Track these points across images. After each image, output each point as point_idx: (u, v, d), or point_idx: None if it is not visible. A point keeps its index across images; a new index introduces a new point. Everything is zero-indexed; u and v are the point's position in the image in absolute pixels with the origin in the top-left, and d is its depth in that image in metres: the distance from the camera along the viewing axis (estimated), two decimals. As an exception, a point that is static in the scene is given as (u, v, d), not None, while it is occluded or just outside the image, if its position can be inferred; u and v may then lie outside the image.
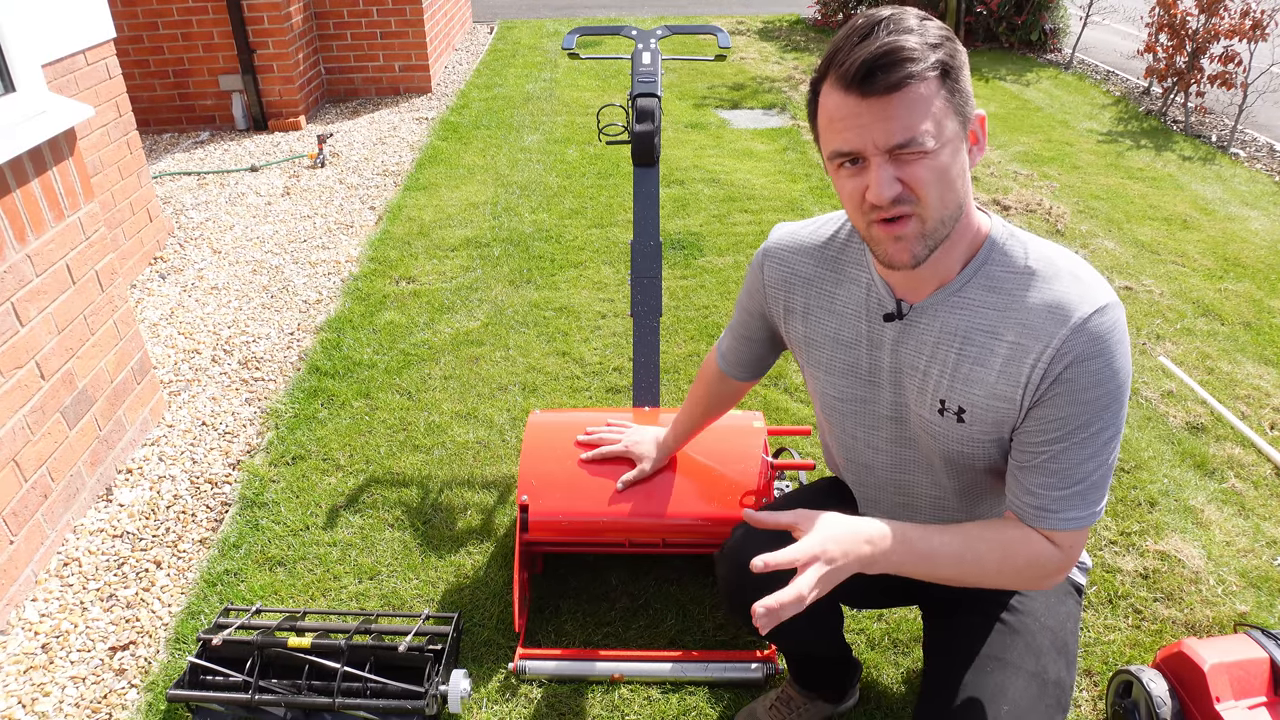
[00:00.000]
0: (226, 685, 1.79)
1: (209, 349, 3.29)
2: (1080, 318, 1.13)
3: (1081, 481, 1.18)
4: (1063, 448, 1.17)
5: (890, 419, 1.35)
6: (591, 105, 6.23)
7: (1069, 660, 1.32)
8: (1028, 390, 1.18)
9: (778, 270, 1.42)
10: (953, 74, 1.08)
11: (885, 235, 1.13)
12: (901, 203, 1.10)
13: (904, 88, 1.04)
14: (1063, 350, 1.14)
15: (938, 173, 1.09)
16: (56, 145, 2.39)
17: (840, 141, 1.10)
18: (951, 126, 1.09)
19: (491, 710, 1.88)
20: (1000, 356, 1.19)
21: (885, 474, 1.42)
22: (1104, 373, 1.13)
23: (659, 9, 10.56)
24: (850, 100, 1.07)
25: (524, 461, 2.03)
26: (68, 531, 2.38)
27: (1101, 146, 5.61)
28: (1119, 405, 1.16)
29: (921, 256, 1.14)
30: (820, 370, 1.41)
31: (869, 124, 1.06)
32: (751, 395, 2.95)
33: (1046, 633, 1.32)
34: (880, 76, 1.04)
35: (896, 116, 1.05)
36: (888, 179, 1.08)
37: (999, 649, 1.29)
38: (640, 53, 2.50)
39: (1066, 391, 1.15)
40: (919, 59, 1.05)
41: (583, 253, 3.99)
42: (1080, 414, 1.15)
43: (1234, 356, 3.23)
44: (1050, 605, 1.37)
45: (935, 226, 1.12)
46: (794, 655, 1.72)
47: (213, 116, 5.93)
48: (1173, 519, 2.43)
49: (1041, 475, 1.19)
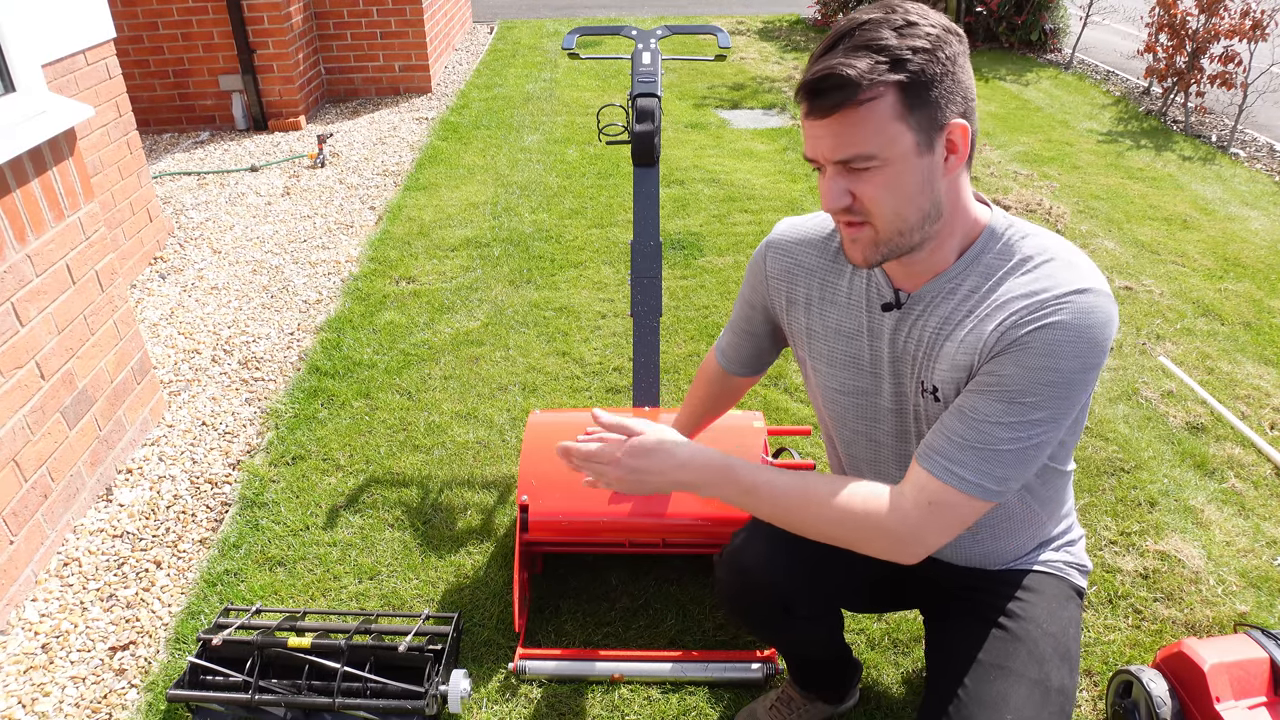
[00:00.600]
0: (226, 685, 1.79)
1: (209, 349, 3.29)
2: (1057, 292, 1.12)
3: (986, 444, 1.14)
4: (984, 400, 1.15)
5: (891, 410, 1.36)
6: (591, 105, 6.23)
7: (1071, 666, 1.32)
8: (982, 352, 1.17)
9: (781, 261, 1.43)
10: (919, 86, 1.07)
11: (845, 235, 1.19)
12: (851, 213, 1.15)
13: (845, 107, 1.07)
14: (1027, 314, 1.12)
15: (887, 188, 1.11)
16: (56, 145, 2.39)
17: (806, 148, 1.16)
18: (907, 141, 1.09)
19: (491, 710, 1.88)
20: (967, 329, 1.19)
21: (886, 470, 1.42)
22: (1061, 347, 1.10)
23: (659, 9, 10.56)
24: (807, 111, 1.12)
25: (524, 461, 2.03)
26: (68, 531, 2.38)
27: (1101, 146, 5.61)
28: (1064, 393, 1.12)
29: (874, 260, 1.18)
30: (822, 362, 1.41)
31: (820, 136, 1.12)
32: (751, 395, 2.95)
33: (1049, 639, 1.32)
34: (818, 99, 1.09)
35: (839, 134, 1.10)
36: (837, 191, 1.13)
37: (1001, 656, 1.29)
38: (640, 53, 2.50)
39: (1016, 354, 1.12)
40: (859, 82, 1.05)
41: (583, 253, 3.99)
42: (1020, 377, 1.12)
43: (1234, 356, 3.23)
44: (1052, 611, 1.37)
45: (890, 236, 1.15)
46: (793, 657, 1.72)
47: (213, 116, 5.93)
48: (1173, 519, 2.43)
49: (952, 417, 1.18)
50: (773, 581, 1.45)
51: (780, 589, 1.45)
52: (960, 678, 1.28)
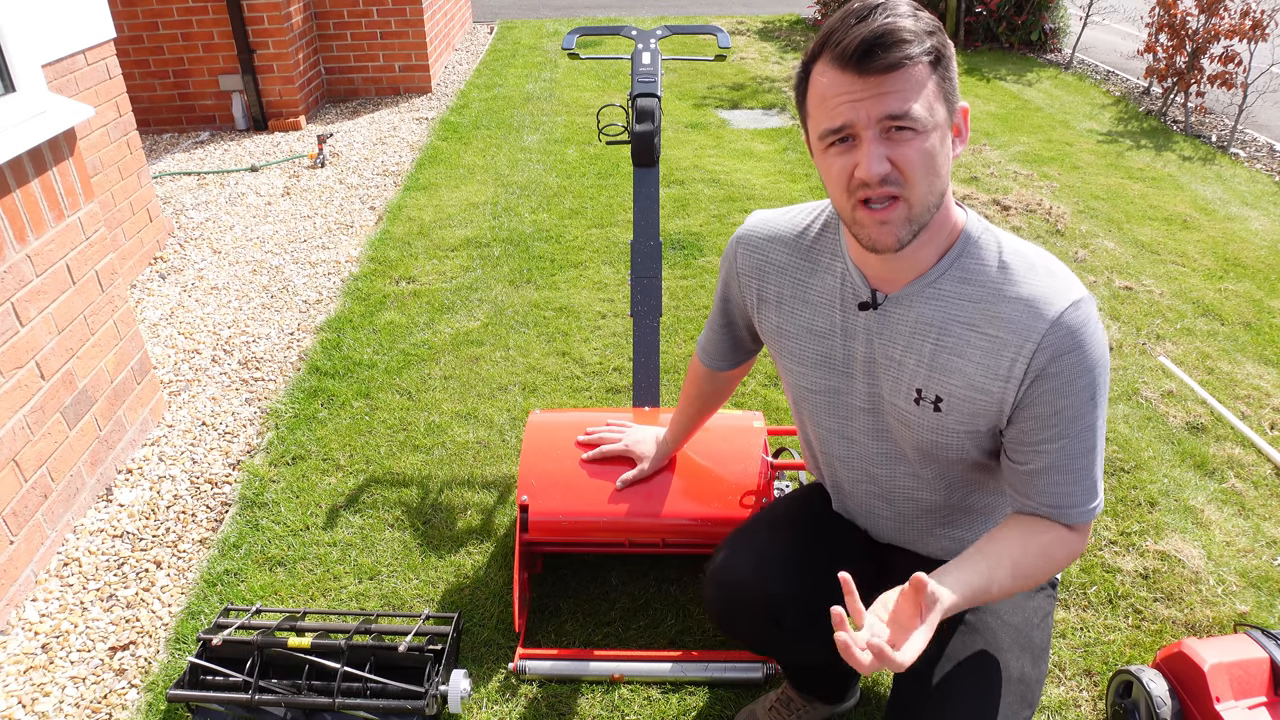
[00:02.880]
0: (226, 685, 1.79)
1: (209, 349, 3.29)
2: (1057, 312, 1.16)
3: (1088, 472, 1.22)
4: (1066, 443, 1.20)
5: (864, 410, 1.36)
6: (591, 105, 6.23)
7: (1034, 655, 1.33)
8: (1009, 386, 1.19)
9: (750, 258, 1.42)
10: (944, 62, 1.11)
11: (870, 219, 1.14)
12: (889, 183, 1.11)
13: (902, 68, 1.07)
14: (1043, 345, 1.16)
15: (927, 155, 1.10)
16: (56, 145, 2.39)
17: (832, 117, 1.11)
18: (941, 112, 1.11)
19: (491, 710, 1.88)
20: (978, 349, 1.21)
21: (860, 465, 1.43)
22: (1084, 364, 1.17)
23: (659, 9, 10.56)
24: (846, 78, 1.09)
25: (524, 461, 2.03)
26: (68, 531, 2.38)
27: (1101, 146, 5.61)
28: (1102, 391, 1.20)
29: (906, 239, 1.15)
30: (793, 361, 1.41)
31: (863, 99, 1.08)
32: (751, 395, 2.95)
33: (1009, 630, 1.33)
34: (880, 55, 1.06)
35: (892, 91, 1.08)
36: (878, 156, 1.09)
37: (959, 649, 1.30)
38: (640, 53, 2.50)
39: (1054, 387, 1.18)
40: (916, 41, 1.07)
41: (583, 253, 3.99)
42: (1071, 406, 1.19)
43: (1234, 356, 3.23)
44: (1016, 603, 1.37)
45: (920, 211, 1.14)
46: (789, 665, 1.72)
47: (213, 116, 5.93)
48: (1173, 519, 2.43)
49: (1054, 474, 1.22)
50: (762, 598, 1.44)
51: (769, 603, 1.44)
52: (921, 674, 1.29)
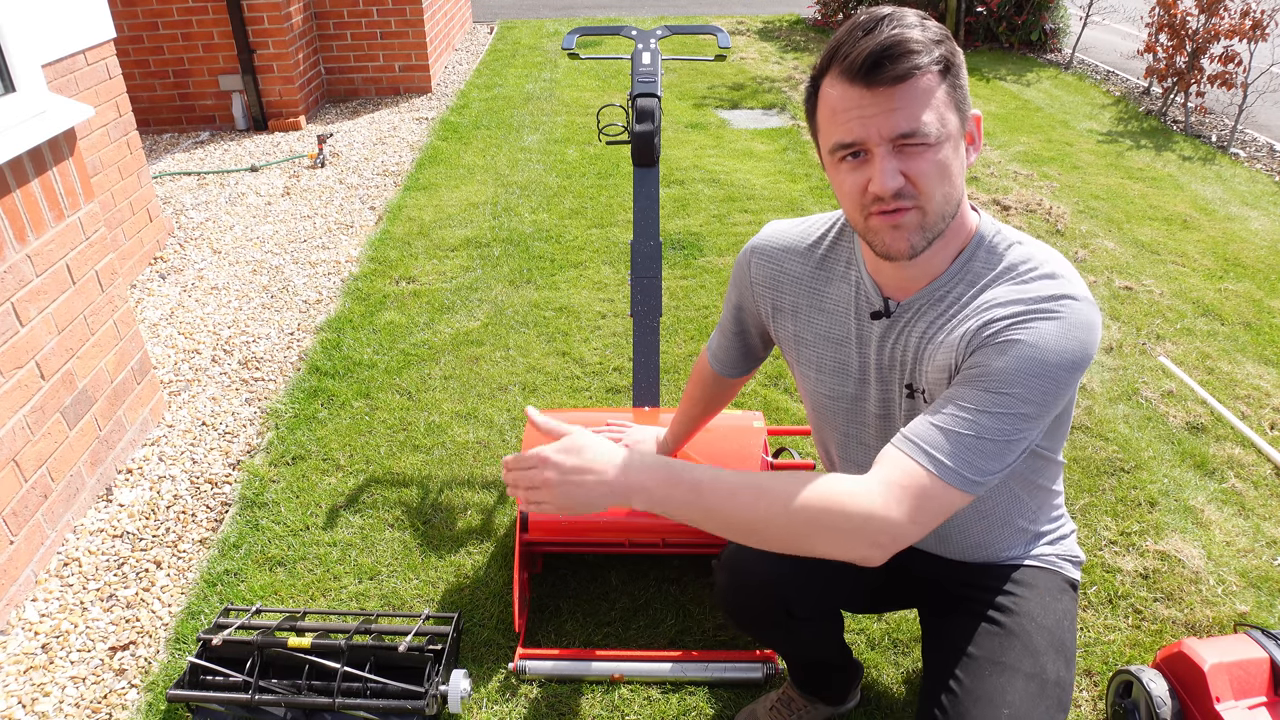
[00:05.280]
0: (226, 685, 1.79)
1: (209, 349, 3.29)
2: (1044, 294, 1.13)
3: (970, 431, 1.08)
4: (971, 389, 1.11)
5: (877, 415, 1.36)
6: (591, 105, 6.23)
7: (1067, 658, 1.32)
8: (961, 349, 1.16)
9: (765, 268, 1.42)
10: (953, 71, 1.10)
11: (883, 225, 1.13)
12: (903, 196, 1.10)
13: (910, 79, 1.06)
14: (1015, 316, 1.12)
15: (940, 166, 1.10)
16: (56, 145, 2.39)
17: (843, 133, 1.10)
18: (953, 121, 1.10)
19: (491, 710, 1.88)
20: (949, 333, 1.20)
21: None
22: (1049, 342, 1.09)
23: (659, 9, 10.56)
24: (855, 91, 1.08)
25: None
26: (68, 531, 2.38)
27: (1101, 146, 5.61)
28: (1050, 387, 1.09)
29: (919, 247, 1.14)
30: (811, 369, 1.41)
31: (873, 115, 1.07)
32: (751, 395, 2.95)
33: (1044, 632, 1.32)
34: (887, 67, 1.05)
35: (902, 106, 1.06)
36: (891, 170, 1.08)
37: (996, 651, 1.29)
38: (640, 53, 2.50)
39: (1004, 346, 1.10)
40: (924, 51, 1.06)
41: (583, 253, 3.99)
42: (1008, 368, 1.09)
43: (1234, 356, 3.23)
44: (1046, 604, 1.37)
45: (935, 220, 1.13)
46: (794, 659, 1.72)
47: (213, 116, 5.93)
48: (1173, 519, 2.43)
49: (937, 406, 1.13)
50: (772, 584, 1.45)
51: (780, 591, 1.45)
52: (956, 674, 1.29)
